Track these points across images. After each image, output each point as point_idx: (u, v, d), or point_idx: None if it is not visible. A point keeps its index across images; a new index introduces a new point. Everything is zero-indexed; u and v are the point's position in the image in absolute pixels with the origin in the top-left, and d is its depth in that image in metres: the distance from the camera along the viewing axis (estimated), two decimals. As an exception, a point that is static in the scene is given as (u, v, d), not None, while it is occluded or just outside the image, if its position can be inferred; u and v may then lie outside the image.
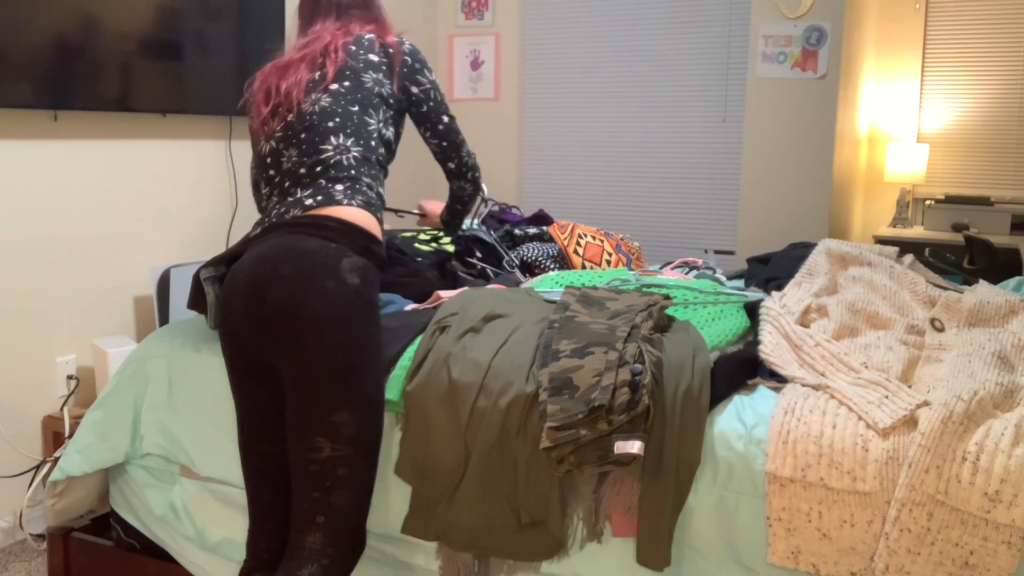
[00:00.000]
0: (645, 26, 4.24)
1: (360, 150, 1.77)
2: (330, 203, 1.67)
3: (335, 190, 1.71)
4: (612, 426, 1.57)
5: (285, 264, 1.58)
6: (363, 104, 1.81)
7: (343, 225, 1.64)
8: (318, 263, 1.58)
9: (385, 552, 1.88)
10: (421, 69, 1.95)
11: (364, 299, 1.61)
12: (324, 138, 1.76)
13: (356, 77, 1.83)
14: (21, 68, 2.53)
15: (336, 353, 1.57)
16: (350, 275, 1.60)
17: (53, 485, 2.15)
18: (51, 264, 2.76)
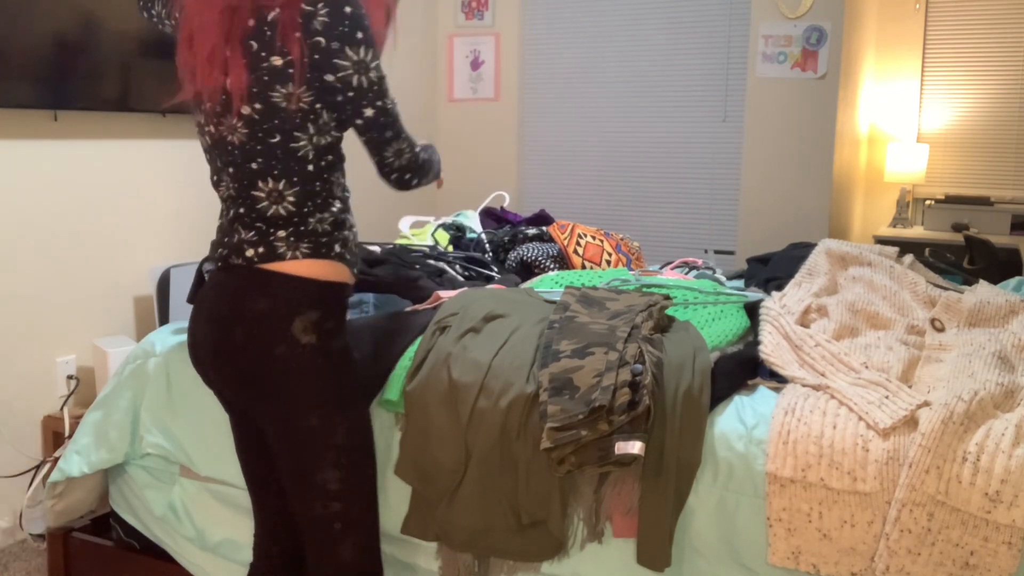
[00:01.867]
0: (645, 26, 4.24)
1: (296, 191, 1.52)
2: (272, 257, 1.51)
3: (277, 239, 1.52)
4: (613, 427, 1.57)
5: (236, 330, 1.50)
6: (284, 130, 1.49)
7: (290, 281, 1.51)
8: (267, 328, 1.48)
9: (385, 552, 1.88)
10: (341, 48, 1.46)
11: (323, 353, 1.51)
12: (252, 183, 1.53)
13: (265, 98, 1.47)
14: (21, 68, 2.53)
15: (303, 418, 1.51)
16: (303, 335, 1.49)
17: (53, 486, 2.15)
18: (51, 264, 2.76)
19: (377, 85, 1.51)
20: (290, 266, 1.51)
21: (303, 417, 1.51)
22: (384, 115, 1.54)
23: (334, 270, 1.55)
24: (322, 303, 1.53)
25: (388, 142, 1.56)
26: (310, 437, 1.52)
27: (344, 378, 1.55)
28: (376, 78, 1.51)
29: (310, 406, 1.51)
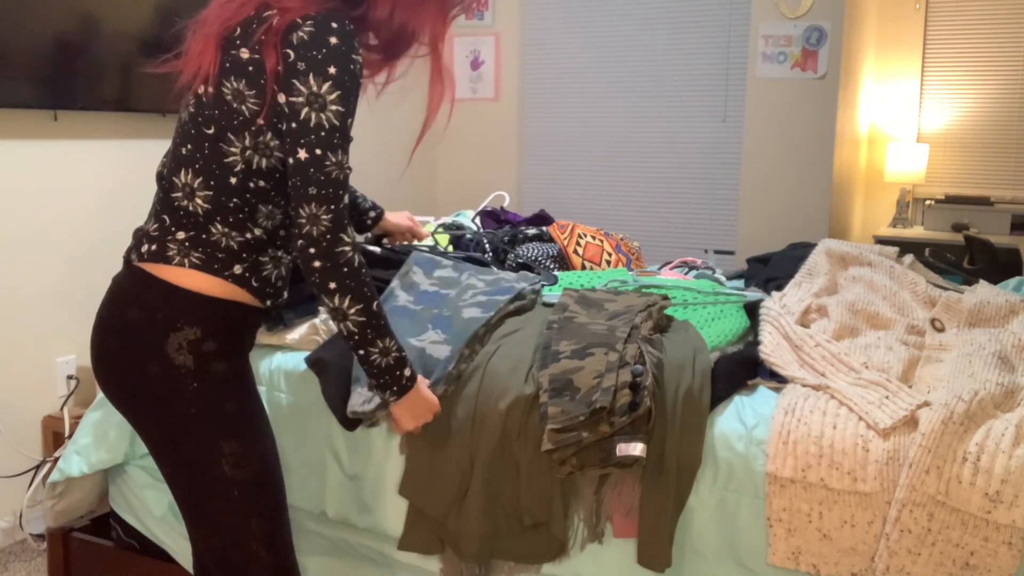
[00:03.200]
0: (645, 26, 4.24)
1: (209, 196, 1.39)
2: (159, 259, 1.38)
3: (172, 240, 1.39)
4: (614, 428, 1.57)
5: (112, 338, 1.39)
6: (221, 126, 1.37)
7: (169, 291, 1.37)
8: (141, 342, 1.36)
9: (384, 553, 1.87)
10: (306, 72, 1.32)
11: (198, 376, 1.37)
12: (176, 168, 1.42)
13: (219, 85, 1.37)
14: (21, 68, 2.53)
15: (182, 446, 1.40)
16: (177, 354, 1.36)
17: (53, 486, 2.15)
18: (51, 264, 2.76)
19: (325, 131, 1.32)
20: (174, 273, 1.37)
21: (180, 446, 1.40)
22: (315, 167, 1.32)
23: (223, 287, 1.40)
24: (202, 321, 1.38)
25: (308, 200, 1.33)
26: (191, 467, 1.41)
27: (226, 406, 1.40)
28: (328, 124, 1.32)
29: (186, 435, 1.39)
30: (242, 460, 1.42)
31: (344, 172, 1.35)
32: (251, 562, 1.44)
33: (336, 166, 1.34)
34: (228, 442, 1.41)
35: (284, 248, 1.50)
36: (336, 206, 1.34)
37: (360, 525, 1.88)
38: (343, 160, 1.35)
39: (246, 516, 1.43)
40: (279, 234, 1.47)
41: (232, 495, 1.41)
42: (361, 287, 1.38)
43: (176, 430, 1.39)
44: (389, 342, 1.44)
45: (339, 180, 1.34)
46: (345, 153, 1.35)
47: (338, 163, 1.34)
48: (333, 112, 1.33)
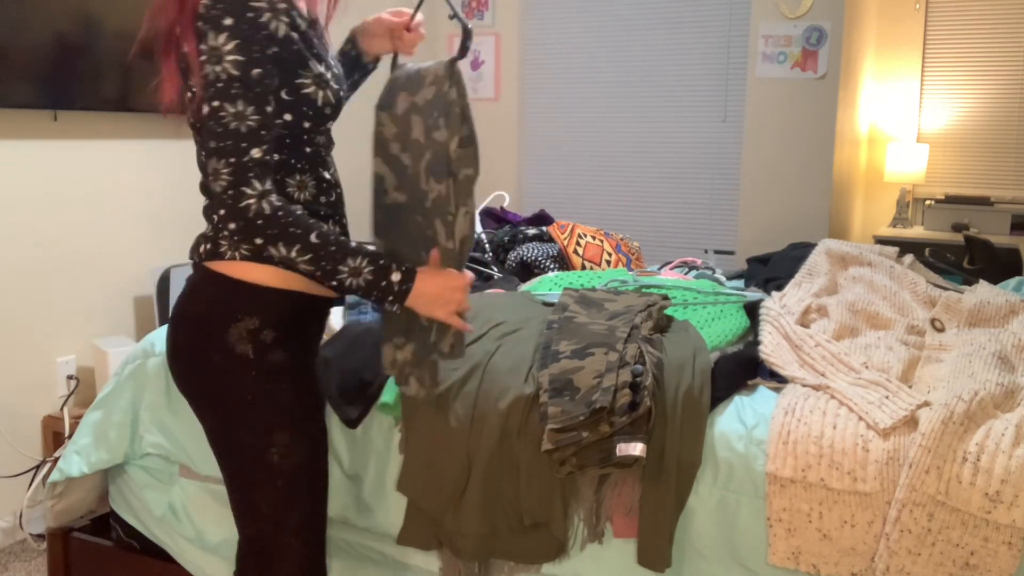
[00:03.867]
0: (645, 26, 4.24)
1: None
2: (215, 255, 1.40)
3: (223, 236, 1.37)
4: (614, 428, 1.57)
5: (180, 331, 1.43)
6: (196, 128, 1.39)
7: (227, 283, 1.39)
8: (204, 333, 1.39)
9: (385, 553, 1.87)
10: (205, 32, 1.29)
11: (257, 366, 1.40)
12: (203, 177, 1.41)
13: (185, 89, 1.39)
14: (21, 68, 2.53)
15: (234, 432, 1.43)
16: (238, 344, 1.38)
17: (53, 486, 2.15)
18: (51, 264, 2.76)
19: (222, 83, 1.27)
20: (229, 267, 1.39)
21: (235, 431, 1.43)
22: (214, 120, 1.27)
23: (280, 276, 1.40)
24: (260, 311, 1.39)
25: (210, 155, 1.28)
26: (242, 453, 1.43)
27: (282, 396, 1.42)
28: (225, 75, 1.27)
29: (241, 421, 1.42)
30: (290, 451, 1.43)
31: (246, 123, 1.28)
32: (284, 552, 1.46)
33: (235, 117, 1.27)
34: (279, 432, 1.42)
35: (334, 218, 1.49)
36: (237, 159, 1.27)
37: (360, 525, 1.88)
38: (245, 110, 1.28)
39: (286, 507, 1.45)
40: (320, 202, 1.46)
41: (276, 485, 1.43)
42: (287, 229, 1.31)
43: (231, 417, 1.41)
44: (354, 260, 1.36)
45: (239, 131, 1.27)
46: (251, 103, 1.28)
47: (237, 113, 1.27)
48: (231, 62, 1.27)
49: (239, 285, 1.39)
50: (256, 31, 1.29)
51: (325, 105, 1.42)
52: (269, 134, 1.32)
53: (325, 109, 1.43)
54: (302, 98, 1.39)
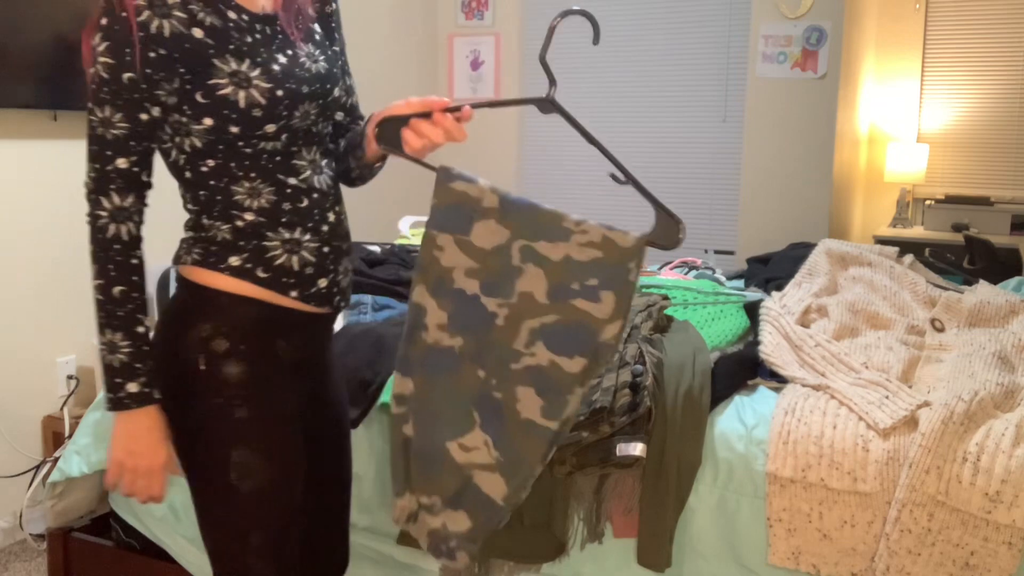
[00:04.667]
0: (645, 26, 4.24)
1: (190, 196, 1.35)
2: (177, 260, 1.35)
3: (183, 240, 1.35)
4: (614, 428, 1.57)
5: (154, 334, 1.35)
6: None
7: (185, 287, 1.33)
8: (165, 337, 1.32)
9: (384, 553, 1.87)
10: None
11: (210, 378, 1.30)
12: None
13: None
14: (21, 68, 2.53)
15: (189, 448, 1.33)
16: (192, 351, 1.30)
17: (53, 486, 2.15)
18: (51, 264, 2.76)
19: (94, 86, 1.21)
20: (185, 271, 1.33)
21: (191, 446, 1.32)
22: (88, 124, 1.23)
23: (234, 282, 1.30)
24: (212, 318, 1.29)
25: (86, 154, 1.24)
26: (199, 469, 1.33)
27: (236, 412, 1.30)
28: (97, 78, 1.21)
29: (196, 436, 1.31)
30: (248, 471, 1.31)
31: (112, 131, 1.21)
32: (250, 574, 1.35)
33: (101, 123, 1.21)
34: (236, 450, 1.30)
35: (303, 226, 1.32)
36: (101, 166, 1.22)
37: (360, 525, 1.88)
38: (112, 117, 1.20)
39: (246, 529, 1.33)
40: (283, 209, 1.31)
41: (234, 505, 1.32)
42: (107, 263, 1.23)
43: (188, 430, 1.32)
44: (122, 339, 1.24)
45: (103, 138, 1.21)
46: (119, 110, 1.20)
47: (104, 120, 1.21)
48: (101, 64, 1.20)
49: (194, 289, 1.31)
50: (130, 32, 1.19)
51: (251, 107, 1.25)
52: (141, 144, 1.24)
53: (252, 111, 1.25)
54: (219, 100, 1.24)
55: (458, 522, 1.33)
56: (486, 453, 1.29)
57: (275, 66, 1.27)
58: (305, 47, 1.33)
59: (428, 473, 1.34)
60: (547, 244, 1.23)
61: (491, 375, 1.28)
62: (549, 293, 1.23)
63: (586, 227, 1.22)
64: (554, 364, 1.24)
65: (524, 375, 1.25)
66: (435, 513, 1.35)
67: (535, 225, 1.24)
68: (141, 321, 1.26)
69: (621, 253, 1.21)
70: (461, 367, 1.30)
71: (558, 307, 1.23)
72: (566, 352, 1.23)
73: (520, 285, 1.24)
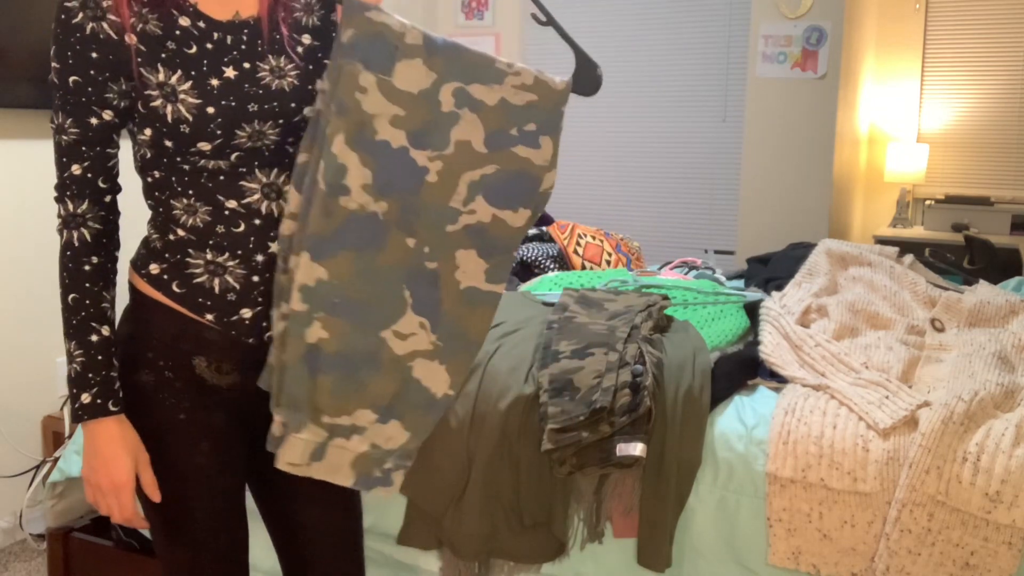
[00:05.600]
0: (645, 26, 4.24)
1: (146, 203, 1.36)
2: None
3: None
4: (614, 428, 1.57)
5: None
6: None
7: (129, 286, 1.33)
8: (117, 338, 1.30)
9: (384, 553, 1.87)
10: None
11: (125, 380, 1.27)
12: None
13: None
14: (21, 68, 2.53)
15: None
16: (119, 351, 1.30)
17: (53, 486, 2.15)
18: (51, 264, 2.76)
19: (52, 92, 1.19)
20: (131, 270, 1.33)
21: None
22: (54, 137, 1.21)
23: (146, 288, 1.28)
24: (132, 320, 1.29)
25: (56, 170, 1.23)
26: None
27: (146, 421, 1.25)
28: (51, 84, 1.19)
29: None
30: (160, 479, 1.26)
31: (64, 136, 1.19)
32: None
33: (56, 129, 1.20)
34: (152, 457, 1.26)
35: (231, 252, 1.24)
36: (60, 172, 1.21)
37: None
38: (64, 122, 1.18)
39: (170, 544, 1.29)
40: (215, 231, 1.24)
41: (153, 518, 1.29)
42: (62, 270, 1.22)
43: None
44: (75, 348, 1.20)
45: (60, 145, 1.20)
46: (69, 115, 1.18)
47: (59, 126, 1.19)
48: (54, 70, 1.18)
49: (131, 288, 1.31)
50: (70, 33, 1.16)
51: (178, 122, 1.18)
52: (93, 150, 1.21)
53: (180, 127, 1.18)
54: (151, 112, 1.19)
55: (392, 436, 1.15)
56: (424, 338, 1.12)
57: (214, 80, 1.18)
58: (273, 60, 1.23)
59: (356, 381, 1.13)
60: (481, 87, 1.11)
61: (423, 242, 1.11)
62: (487, 141, 1.11)
63: (518, 68, 1.13)
64: (497, 219, 1.12)
65: (463, 236, 1.12)
66: (362, 432, 1.14)
67: (466, 66, 1.11)
68: (95, 329, 1.21)
69: (554, 96, 1.14)
70: (387, 237, 1.11)
71: (498, 156, 1.11)
72: (510, 205, 1.12)
73: (456, 134, 1.10)
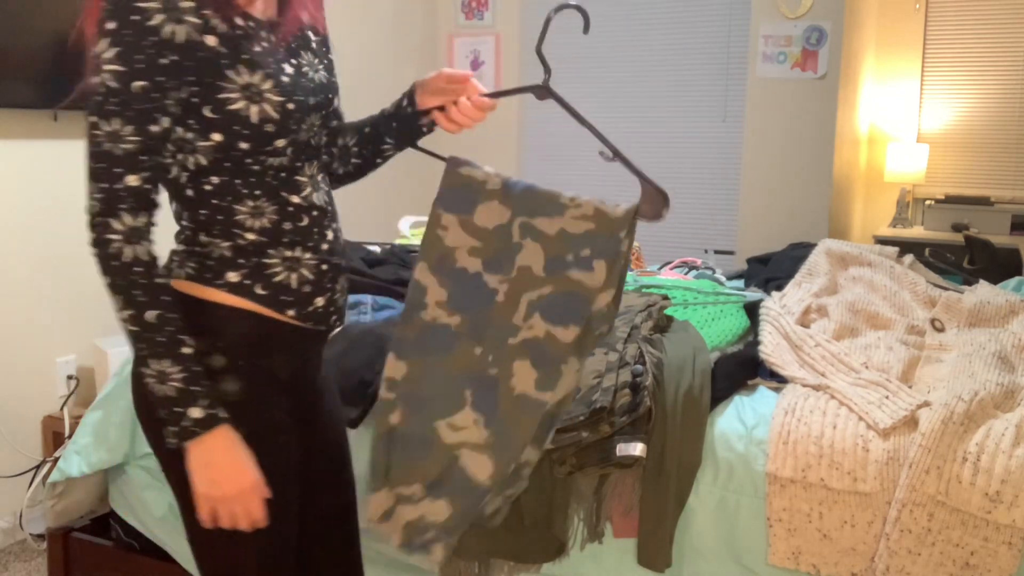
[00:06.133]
0: (645, 26, 4.24)
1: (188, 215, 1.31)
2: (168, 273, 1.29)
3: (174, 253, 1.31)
4: (614, 428, 1.57)
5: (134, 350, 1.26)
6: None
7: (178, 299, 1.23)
8: None
9: (383, 552, 1.87)
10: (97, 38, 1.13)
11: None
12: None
13: None
14: (21, 68, 2.53)
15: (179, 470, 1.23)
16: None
17: (53, 486, 2.15)
18: (51, 264, 2.76)
19: (100, 96, 1.11)
20: (177, 283, 1.26)
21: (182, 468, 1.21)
22: (89, 137, 1.12)
23: (226, 299, 1.25)
24: (209, 332, 1.22)
25: (87, 174, 1.13)
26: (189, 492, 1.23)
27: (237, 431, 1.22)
28: (104, 87, 1.11)
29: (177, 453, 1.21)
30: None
31: (122, 145, 1.11)
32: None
33: (108, 137, 1.11)
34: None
35: (303, 245, 1.28)
36: (109, 185, 1.12)
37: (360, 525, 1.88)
38: (121, 130, 1.11)
39: (245, 547, 1.28)
40: (283, 228, 1.26)
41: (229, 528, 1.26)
42: (131, 288, 1.13)
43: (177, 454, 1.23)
44: (170, 366, 1.15)
45: (112, 155, 1.11)
46: (129, 122, 1.11)
47: (112, 133, 1.11)
48: (109, 72, 1.10)
49: (188, 302, 1.23)
50: (142, 36, 1.10)
51: (264, 122, 1.19)
52: (152, 159, 1.15)
53: (265, 127, 1.20)
54: (229, 115, 1.18)
55: (437, 511, 1.32)
56: (476, 432, 1.30)
57: (283, 77, 1.22)
58: (305, 55, 1.29)
59: (412, 459, 1.33)
60: (544, 219, 1.27)
61: (488, 351, 1.29)
62: (546, 266, 1.27)
63: (579, 201, 1.27)
64: (549, 335, 1.27)
65: (521, 349, 1.28)
66: (414, 503, 1.33)
67: (534, 203, 1.28)
68: (183, 342, 1.17)
69: (611, 223, 1.25)
70: (456, 346, 1.31)
71: (553, 279, 1.27)
72: (560, 322, 1.26)
73: (520, 260, 1.28)
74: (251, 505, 1.21)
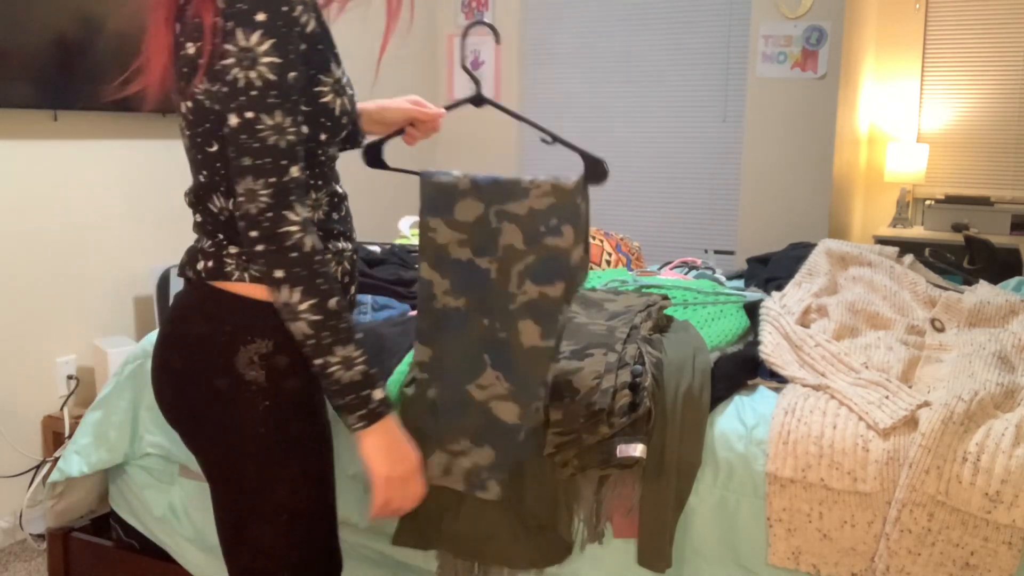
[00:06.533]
0: (645, 26, 4.24)
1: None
2: (219, 275, 1.25)
3: (228, 256, 1.25)
4: (614, 429, 1.57)
5: (175, 353, 1.27)
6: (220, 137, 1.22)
7: (237, 302, 1.24)
8: (208, 357, 1.23)
9: (384, 553, 1.87)
10: (232, 30, 1.11)
11: (271, 394, 1.24)
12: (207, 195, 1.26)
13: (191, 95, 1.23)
14: (21, 68, 2.53)
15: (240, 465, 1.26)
16: (248, 369, 1.22)
17: (53, 486, 2.15)
18: (51, 264, 2.76)
19: (257, 90, 1.11)
20: (237, 286, 1.24)
21: (240, 464, 1.26)
22: (247, 133, 1.11)
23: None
24: (274, 333, 1.23)
25: (244, 172, 1.12)
26: (246, 486, 1.27)
27: (293, 427, 1.27)
28: (261, 81, 1.11)
29: (248, 453, 1.25)
30: (299, 485, 1.29)
31: (286, 137, 1.13)
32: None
33: (274, 130, 1.12)
34: (290, 466, 1.27)
35: (345, 236, 1.32)
36: (279, 178, 1.13)
37: (360, 525, 1.88)
38: (284, 122, 1.13)
39: (289, 544, 1.29)
40: (332, 219, 1.29)
41: (281, 520, 1.28)
42: (314, 278, 1.15)
43: (238, 449, 1.26)
44: (354, 351, 1.19)
45: (279, 147, 1.12)
46: (288, 114, 1.13)
47: (276, 126, 1.12)
48: (266, 65, 1.10)
49: (249, 305, 1.23)
50: (291, 27, 1.12)
51: (343, 114, 1.24)
52: (304, 148, 1.16)
53: (342, 119, 1.24)
54: (320, 108, 1.20)
55: (485, 456, 1.56)
56: (500, 386, 1.54)
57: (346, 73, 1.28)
58: None
59: (455, 421, 1.57)
60: (514, 203, 1.49)
61: (495, 320, 1.53)
62: (524, 240, 1.49)
63: (538, 182, 1.49)
64: (542, 294, 1.50)
65: (521, 311, 1.51)
66: (467, 454, 1.57)
67: (501, 192, 1.50)
68: (355, 327, 1.21)
69: (568, 193, 1.48)
70: (468, 322, 1.55)
71: (533, 249, 1.49)
72: (548, 281, 1.49)
73: (502, 241, 1.51)
74: (419, 482, 1.29)
